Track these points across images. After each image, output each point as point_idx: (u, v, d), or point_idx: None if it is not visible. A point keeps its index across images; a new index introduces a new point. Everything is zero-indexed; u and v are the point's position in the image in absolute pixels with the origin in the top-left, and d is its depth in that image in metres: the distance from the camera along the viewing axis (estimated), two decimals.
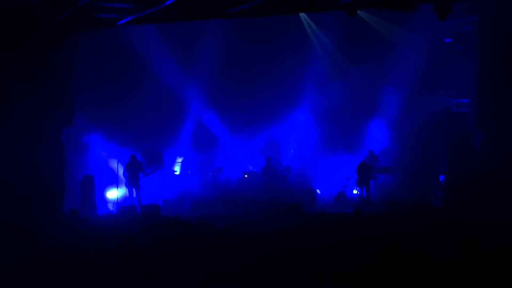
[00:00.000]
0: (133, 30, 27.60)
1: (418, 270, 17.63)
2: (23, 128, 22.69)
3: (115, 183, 28.48)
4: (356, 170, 27.56)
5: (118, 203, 27.21)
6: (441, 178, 25.92)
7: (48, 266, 19.20)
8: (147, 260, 19.05)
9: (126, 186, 27.03)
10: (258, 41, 30.68)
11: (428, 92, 27.80)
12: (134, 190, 26.83)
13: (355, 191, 28.88)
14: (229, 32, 30.00)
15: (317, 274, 18.50)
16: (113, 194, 28.74)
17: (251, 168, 31.09)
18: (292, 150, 30.95)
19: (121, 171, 27.57)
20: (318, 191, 28.51)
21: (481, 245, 18.19)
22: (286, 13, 25.57)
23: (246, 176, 29.33)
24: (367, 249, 18.95)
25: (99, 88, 29.07)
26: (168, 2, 18.38)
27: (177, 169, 31.32)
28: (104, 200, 28.59)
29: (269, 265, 18.97)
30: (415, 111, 27.94)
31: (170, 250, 19.61)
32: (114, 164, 28.63)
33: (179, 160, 31.53)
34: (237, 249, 19.51)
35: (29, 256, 19.61)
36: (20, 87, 22.55)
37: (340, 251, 19.12)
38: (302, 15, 30.46)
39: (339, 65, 29.89)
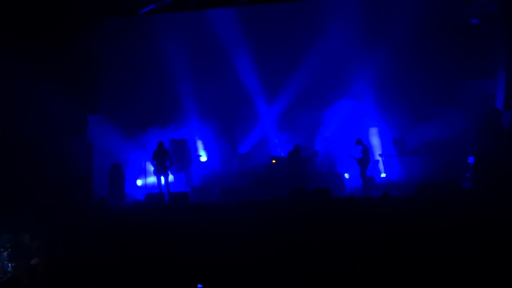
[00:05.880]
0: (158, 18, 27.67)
1: (449, 252, 17.59)
2: (50, 115, 22.78)
3: (144, 171, 28.61)
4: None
5: (147, 190, 27.20)
6: (470, 159, 25.63)
7: (77, 252, 19.43)
8: (174, 247, 19.19)
9: (154, 174, 27.05)
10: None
11: (454, 73, 27.55)
12: (162, 177, 26.83)
13: (383, 175, 28.67)
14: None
15: (345, 257, 18.57)
16: (142, 182, 28.86)
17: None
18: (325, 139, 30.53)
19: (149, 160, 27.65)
20: (346, 175, 28.32)
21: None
22: None
23: (273, 161, 29.19)
24: (395, 232, 18.92)
25: (125, 76, 29.10)
26: None
27: (202, 154, 31.28)
28: (134, 188, 28.69)
29: (298, 250, 19.00)
30: (442, 92, 27.70)
31: (198, 236, 19.70)
32: (142, 152, 28.73)
33: (201, 146, 31.51)
34: (264, 234, 19.56)
35: (60, 244, 19.86)
36: (47, 74, 22.67)
37: (368, 235, 19.11)
38: None
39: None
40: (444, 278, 17.62)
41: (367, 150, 26.68)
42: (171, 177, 27.90)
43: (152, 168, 27.22)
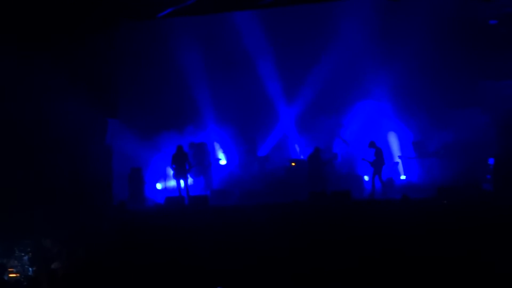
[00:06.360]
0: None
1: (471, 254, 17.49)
2: (69, 119, 22.80)
3: (163, 175, 28.67)
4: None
5: (167, 194, 27.23)
6: (490, 161, 25.51)
7: (97, 256, 19.47)
8: (194, 250, 19.19)
9: (174, 178, 27.10)
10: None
11: (474, 74, 27.43)
12: (182, 181, 26.86)
13: (403, 177, 28.59)
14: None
15: (366, 259, 18.49)
16: (162, 185, 28.92)
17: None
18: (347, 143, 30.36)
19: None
20: (366, 177, 28.23)
21: None
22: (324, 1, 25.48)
23: (293, 164, 29.16)
24: (416, 235, 18.83)
25: (143, 80, 29.23)
26: None
27: (222, 158, 31.28)
28: (154, 192, 28.76)
29: (319, 253, 18.96)
30: (462, 93, 27.59)
31: (217, 240, 19.70)
32: (161, 155, 28.81)
33: (219, 149, 31.50)
34: (284, 237, 19.53)
35: (80, 247, 19.90)
36: (66, 77, 22.74)
37: (389, 237, 19.03)
38: None
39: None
40: (465, 280, 17.52)
41: (380, 152, 26.57)
42: (190, 180, 27.94)
43: (171, 172, 27.28)
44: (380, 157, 26.43)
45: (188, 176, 27.27)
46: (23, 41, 21.90)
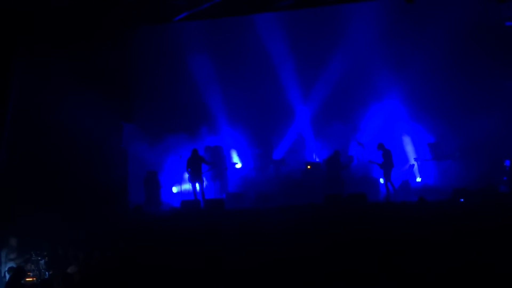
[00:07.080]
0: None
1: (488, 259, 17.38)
2: (86, 123, 22.89)
3: (179, 178, 28.70)
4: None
5: (183, 197, 27.28)
6: (506, 162, 25.42)
7: (114, 260, 19.49)
8: (210, 253, 19.17)
9: (189, 181, 27.11)
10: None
11: (489, 75, 27.38)
12: (197, 184, 26.87)
13: (418, 179, 28.52)
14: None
15: (385, 263, 18.41)
16: (177, 189, 28.96)
17: (316, 158, 30.89)
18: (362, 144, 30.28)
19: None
20: (381, 180, 28.18)
21: None
22: (340, 3, 25.48)
23: (309, 167, 29.13)
24: (433, 237, 18.75)
25: (159, 83, 29.31)
26: None
27: (237, 162, 31.29)
28: (170, 195, 28.81)
29: (335, 255, 18.90)
30: (478, 94, 27.53)
31: (234, 242, 19.68)
32: (177, 158, 28.85)
33: (235, 154, 31.51)
34: (300, 240, 19.48)
35: (95, 250, 19.92)
36: (81, 82, 22.83)
37: (405, 239, 18.95)
38: None
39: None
40: (482, 282, 17.42)
41: (388, 154, 26.51)
42: (205, 184, 27.96)
43: (187, 175, 27.31)
44: (389, 159, 26.37)
45: (204, 179, 27.30)
46: (40, 46, 22.02)
